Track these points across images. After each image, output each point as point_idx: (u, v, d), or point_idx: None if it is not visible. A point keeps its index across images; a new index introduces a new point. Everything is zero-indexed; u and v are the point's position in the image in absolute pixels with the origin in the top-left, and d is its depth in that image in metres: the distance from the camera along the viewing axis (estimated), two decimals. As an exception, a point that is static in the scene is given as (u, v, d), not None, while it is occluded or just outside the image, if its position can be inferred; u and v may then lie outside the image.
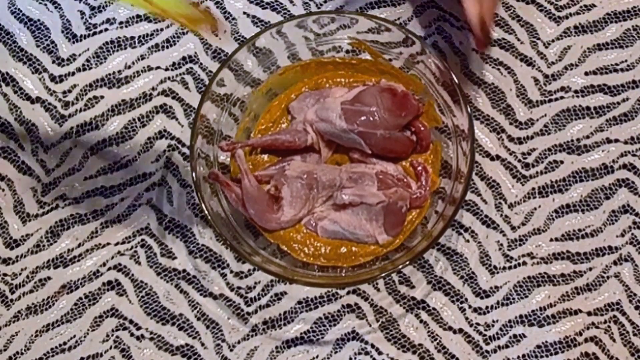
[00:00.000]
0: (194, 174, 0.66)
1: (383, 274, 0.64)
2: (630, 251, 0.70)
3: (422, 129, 0.71)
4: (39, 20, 0.78)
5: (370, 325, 0.68)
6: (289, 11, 0.78)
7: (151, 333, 0.69)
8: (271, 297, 0.70)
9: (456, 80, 0.68)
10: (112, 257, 0.71)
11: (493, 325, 0.68)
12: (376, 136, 0.68)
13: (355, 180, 0.68)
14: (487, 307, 0.69)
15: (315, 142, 0.69)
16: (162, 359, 0.68)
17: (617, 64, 0.75)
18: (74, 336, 0.69)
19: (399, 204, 0.67)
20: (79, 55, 0.77)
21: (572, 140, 0.73)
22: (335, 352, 0.68)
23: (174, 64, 0.77)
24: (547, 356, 0.67)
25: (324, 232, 0.68)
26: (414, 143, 0.71)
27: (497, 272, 0.70)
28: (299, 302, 0.69)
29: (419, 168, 0.70)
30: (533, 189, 0.72)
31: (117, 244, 0.72)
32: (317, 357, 0.68)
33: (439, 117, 0.71)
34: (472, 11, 0.66)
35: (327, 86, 0.73)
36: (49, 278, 0.71)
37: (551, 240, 0.70)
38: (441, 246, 0.70)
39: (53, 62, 0.77)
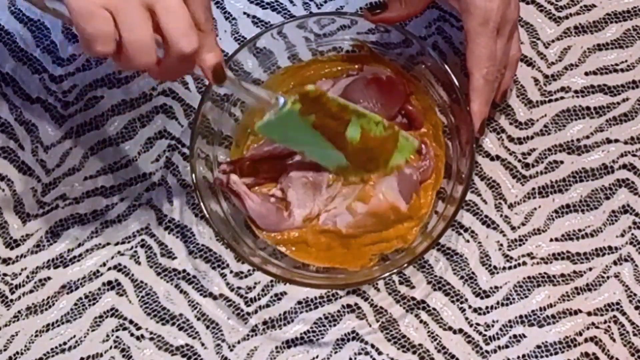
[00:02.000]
0: (193, 175, 0.66)
1: (383, 275, 0.64)
2: (630, 251, 0.70)
3: (412, 109, 0.71)
4: (39, 20, 0.78)
5: (370, 326, 0.68)
6: (289, 11, 0.78)
7: (151, 333, 0.69)
8: (271, 297, 0.70)
9: (456, 82, 0.68)
10: (112, 257, 0.71)
11: (493, 326, 0.68)
12: None
13: None
14: (487, 307, 0.69)
15: None
16: (162, 359, 0.68)
17: (617, 64, 0.75)
18: (74, 336, 0.69)
19: (408, 171, 0.68)
20: (79, 55, 0.77)
21: (572, 141, 0.73)
22: (335, 352, 0.68)
23: (174, 64, 0.77)
24: (547, 356, 0.67)
25: (344, 224, 0.67)
26: (407, 126, 0.71)
27: (497, 272, 0.70)
28: (299, 302, 0.69)
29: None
30: (533, 189, 0.72)
31: (117, 244, 0.72)
32: (317, 357, 0.68)
33: (440, 120, 0.71)
34: (477, 113, 0.66)
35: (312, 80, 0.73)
36: (49, 278, 0.71)
37: (551, 240, 0.70)
38: (441, 246, 0.70)
39: (53, 62, 0.77)
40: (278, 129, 0.64)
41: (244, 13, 0.78)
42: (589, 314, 0.68)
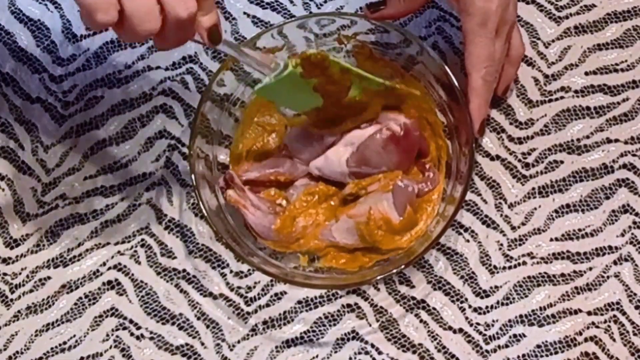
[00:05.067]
0: (193, 174, 0.66)
1: (383, 275, 0.64)
2: (630, 251, 0.70)
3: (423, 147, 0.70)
4: (39, 20, 0.78)
5: (370, 325, 0.68)
6: (289, 11, 0.78)
7: (151, 333, 0.69)
8: (271, 296, 0.70)
9: (455, 82, 0.68)
10: (112, 257, 0.71)
11: (493, 325, 0.68)
12: None
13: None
14: (487, 307, 0.69)
15: None
16: (162, 358, 0.68)
17: (617, 64, 0.75)
18: (74, 336, 0.69)
19: (404, 184, 0.67)
20: (79, 55, 0.77)
21: (572, 140, 0.73)
22: (335, 352, 0.68)
23: (174, 63, 0.77)
24: (547, 356, 0.67)
25: (340, 235, 0.67)
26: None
27: (497, 272, 0.70)
28: (299, 302, 0.69)
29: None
30: (533, 188, 0.72)
31: (117, 243, 0.72)
32: (316, 356, 0.68)
33: (440, 120, 0.71)
34: (477, 113, 0.66)
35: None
36: (49, 278, 0.71)
37: (551, 240, 0.70)
38: (441, 246, 0.70)
39: (53, 62, 0.77)
40: (277, 92, 0.63)
41: (244, 13, 0.78)
42: (589, 313, 0.68)
